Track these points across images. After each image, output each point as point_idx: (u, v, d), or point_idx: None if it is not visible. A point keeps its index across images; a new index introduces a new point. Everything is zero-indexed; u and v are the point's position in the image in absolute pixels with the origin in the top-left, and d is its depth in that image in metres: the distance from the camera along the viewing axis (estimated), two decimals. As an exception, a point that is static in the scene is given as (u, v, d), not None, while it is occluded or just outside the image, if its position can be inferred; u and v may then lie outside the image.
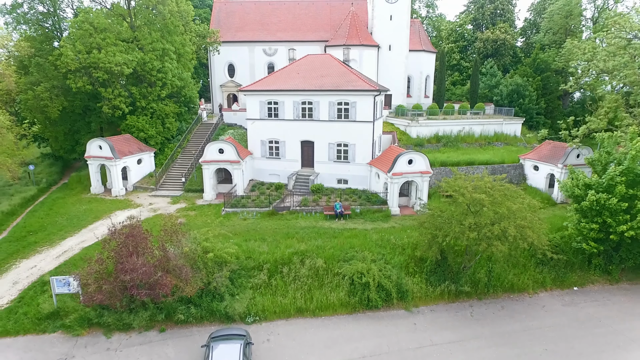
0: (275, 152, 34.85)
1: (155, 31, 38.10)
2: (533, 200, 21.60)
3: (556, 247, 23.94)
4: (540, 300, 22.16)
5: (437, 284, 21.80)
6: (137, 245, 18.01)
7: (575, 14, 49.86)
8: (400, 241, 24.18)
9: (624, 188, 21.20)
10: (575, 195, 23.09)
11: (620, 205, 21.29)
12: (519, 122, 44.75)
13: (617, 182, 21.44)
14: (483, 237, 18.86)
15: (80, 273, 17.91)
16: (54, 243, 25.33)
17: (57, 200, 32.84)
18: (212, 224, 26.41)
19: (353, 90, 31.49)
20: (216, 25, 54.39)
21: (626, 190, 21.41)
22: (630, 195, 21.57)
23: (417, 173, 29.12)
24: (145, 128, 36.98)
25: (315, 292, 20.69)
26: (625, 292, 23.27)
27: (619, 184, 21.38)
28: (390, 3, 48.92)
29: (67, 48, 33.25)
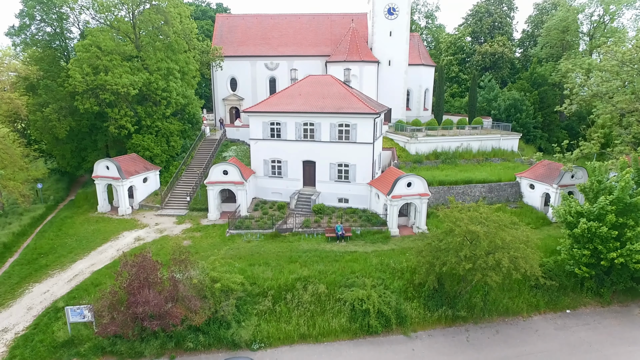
0: (277, 171, 35.74)
1: (160, 50, 39.04)
2: (526, 229, 22.41)
3: (549, 271, 24.85)
4: (533, 324, 23.05)
5: (435, 309, 22.71)
6: (148, 277, 18.89)
7: (572, 29, 50.75)
8: (400, 265, 25.07)
9: (613, 217, 22.10)
10: (568, 222, 23.99)
11: (610, 233, 22.17)
12: (516, 137, 45.63)
13: (608, 210, 22.34)
14: (478, 267, 19.76)
15: (95, 305, 18.80)
16: (65, 266, 26.22)
17: (66, 219, 33.72)
18: (218, 247, 27.28)
19: (353, 113, 32.39)
20: (218, 40, 55.34)
21: (616, 219, 22.32)
22: (620, 223, 22.47)
23: (416, 195, 30.01)
24: (151, 147, 37.89)
25: (317, 318, 21.60)
26: (616, 315, 24.16)
27: (609, 213, 22.28)
28: (389, 19, 49.87)
29: (75, 70, 34.17)
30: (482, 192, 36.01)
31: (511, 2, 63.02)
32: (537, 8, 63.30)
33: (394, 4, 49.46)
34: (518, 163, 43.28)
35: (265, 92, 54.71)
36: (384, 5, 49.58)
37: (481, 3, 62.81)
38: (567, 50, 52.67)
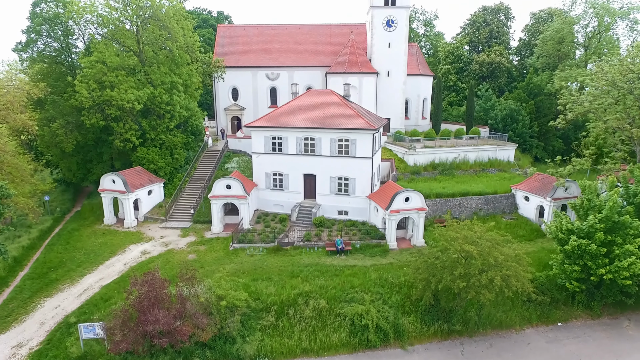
0: (279, 184, 36.68)
1: (163, 64, 40.00)
2: (518, 248, 23.35)
3: (542, 285, 25.82)
4: (526, 337, 24.01)
5: (431, 323, 23.69)
6: (157, 296, 19.83)
7: (567, 40, 51.72)
8: (398, 280, 26.03)
9: (602, 235, 23.06)
10: (559, 239, 24.94)
11: (599, 250, 23.13)
12: (512, 147, 46.58)
13: (597, 228, 23.29)
14: (472, 285, 20.72)
15: (106, 323, 19.75)
16: (74, 280, 27.16)
17: (73, 232, 34.66)
18: (222, 261, 28.24)
19: (353, 128, 33.34)
20: (220, 50, 56.28)
21: (605, 237, 23.28)
22: (609, 241, 23.43)
23: (414, 210, 30.96)
24: (155, 160, 38.82)
25: (318, 332, 22.56)
26: (605, 328, 25.12)
27: (598, 231, 23.23)
28: (388, 32, 50.85)
29: (82, 87, 35.11)
30: (478, 204, 36.98)
31: (508, 11, 63.99)
32: (534, 17, 64.29)
33: (393, 17, 50.45)
34: (514, 173, 44.25)
35: (266, 101, 55.73)
36: (383, 17, 50.57)
37: (478, 13, 63.79)
38: (562, 61, 53.60)
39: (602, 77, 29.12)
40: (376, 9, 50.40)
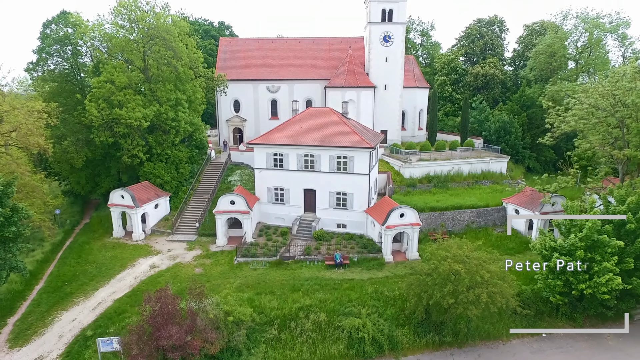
0: (280, 198, 38.36)
1: (169, 82, 41.64)
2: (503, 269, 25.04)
3: (527, 298, 27.56)
4: (512, 348, 25.74)
5: (423, 335, 25.41)
6: (170, 313, 21.50)
7: (558, 54, 53.44)
8: (392, 293, 27.73)
9: (582, 252, 24.78)
10: (543, 255, 26.66)
11: (580, 267, 24.83)
12: (504, 160, 48.29)
13: (577, 247, 25.00)
14: (460, 302, 22.43)
15: (123, 338, 21.43)
16: (88, 294, 28.80)
17: (84, 245, 36.29)
18: (227, 275, 29.93)
19: (351, 147, 35.02)
20: (222, 63, 57.95)
21: (585, 254, 24.99)
22: (589, 258, 25.14)
23: (408, 225, 32.66)
24: (162, 174, 40.49)
25: (318, 345, 24.25)
26: (587, 339, 26.84)
27: (578, 249, 24.95)
28: (385, 47, 52.55)
29: (91, 106, 36.76)
30: (470, 217, 38.71)
31: (502, 24, 65.74)
32: (527, 29, 66.02)
33: (390, 32, 52.16)
34: (506, 185, 45.94)
35: (267, 113, 57.41)
36: (380, 33, 52.27)
37: (473, 25, 65.53)
38: (554, 74, 55.33)
39: (585, 101, 30.85)
40: (373, 25, 52.09)
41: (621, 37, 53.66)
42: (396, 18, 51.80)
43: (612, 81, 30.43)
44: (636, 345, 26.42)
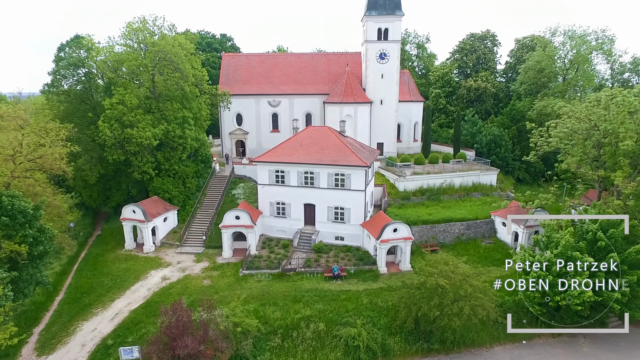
0: (282, 212, 40.83)
1: (176, 100, 44.09)
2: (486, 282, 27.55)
3: (509, 308, 30.06)
4: (494, 354, 28.26)
5: (413, 343, 27.91)
6: (184, 325, 23.97)
7: (546, 71, 55.96)
8: (386, 304, 30.22)
9: (557, 269, 27.25)
10: (523, 269, 29.13)
11: (555, 280, 27.32)
12: (494, 172, 50.77)
13: (553, 262, 27.49)
14: (445, 314, 24.93)
15: (143, 348, 23.88)
16: (106, 305, 31.24)
17: (98, 257, 38.73)
18: (233, 287, 32.40)
19: (348, 165, 37.51)
20: (225, 78, 60.38)
21: (560, 269, 27.47)
22: (564, 272, 27.62)
23: (401, 239, 35.17)
24: (170, 189, 42.95)
25: (318, 352, 26.75)
26: (564, 345, 29.40)
27: (554, 264, 27.44)
28: (381, 64, 55.06)
29: (105, 126, 39.22)
30: (460, 230, 41.24)
31: (494, 38, 68.28)
32: (518, 43, 68.57)
33: (385, 50, 54.67)
34: (496, 197, 48.44)
35: (268, 126, 59.83)
36: (376, 51, 54.77)
37: (466, 40, 68.06)
38: (543, 88, 57.84)
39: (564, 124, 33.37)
40: (370, 43, 54.60)
41: (607, 53, 56.19)
42: (391, 37, 54.30)
43: (588, 106, 32.93)
44: (608, 351, 28.97)
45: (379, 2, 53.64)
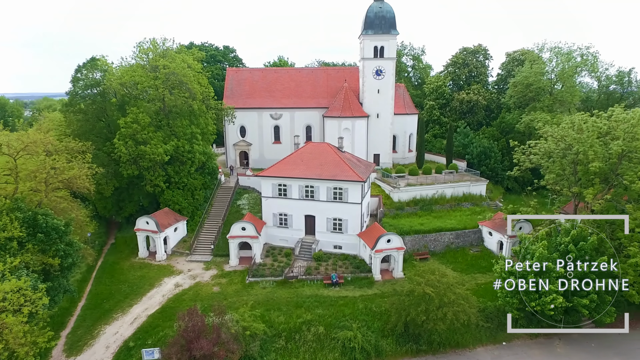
0: (284, 222, 43.95)
1: (185, 118, 47.23)
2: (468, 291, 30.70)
3: (490, 313, 33.23)
4: (476, 354, 31.41)
5: (403, 344, 31.07)
6: (200, 329, 27.09)
7: (534, 86, 59.11)
8: (379, 308, 33.37)
9: (532, 276, 30.41)
10: (502, 277, 32.28)
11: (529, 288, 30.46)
12: (484, 183, 53.92)
13: (528, 272, 30.64)
14: (430, 319, 28.09)
15: (163, 350, 27.01)
16: (125, 310, 34.36)
17: (114, 265, 41.84)
18: (241, 293, 35.54)
19: (345, 180, 40.64)
20: (229, 92, 63.44)
21: (534, 278, 30.62)
22: (537, 281, 30.77)
23: (394, 249, 38.31)
24: (180, 201, 46.08)
25: (318, 353, 29.90)
26: (540, 347, 32.58)
27: (529, 274, 30.59)
28: (377, 80, 58.20)
29: (120, 144, 42.35)
30: (450, 239, 44.39)
31: (486, 52, 71.44)
32: (509, 57, 71.76)
33: (381, 67, 57.79)
34: (485, 207, 51.60)
35: (270, 138, 62.91)
36: (373, 67, 57.89)
37: (459, 54, 71.23)
38: (531, 102, 61.00)
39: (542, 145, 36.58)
40: (366, 61, 57.73)
41: (590, 69, 59.39)
42: (387, 54, 57.42)
43: (565, 128, 36.06)
44: (580, 351, 32.14)
45: (375, 22, 56.75)
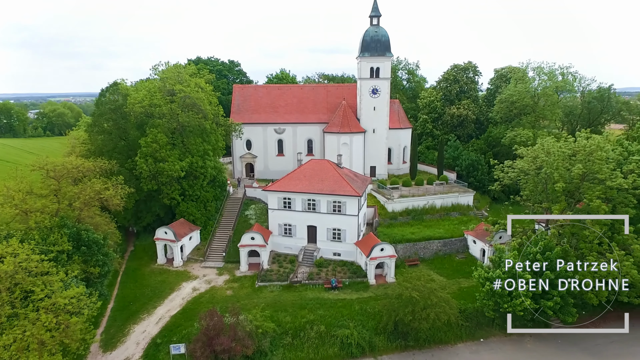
0: (289, 232, 48.78)
1: (198, 136, 52.05)
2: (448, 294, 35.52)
3: (470, 313, 38.06)
4: (457, 350, 36.21)
5: (394, 340, 35.86)
6: (219, 327, 31.90)
7: (517, 104, 64.01)
8: (373, 309, 38.18)
9: (505, 282, 35.22)
10: (480, 282, 37.11)
11: (504, 291, 35.27)
12: (471, 194, 58.73)
13: (501, 278, 35.43)
14: (416, 318, 32.93)
15: (188, 346, 31.83)
16: (150, 312, 39.13)
17: (136, 271, 46.59)
18: (251, 296, 40.34)
19: (344, 195, 45.46)
20: (236, 108, 68.24)
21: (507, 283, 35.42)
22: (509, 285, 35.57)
23: (387, 257, 43.14)
24: (194, 212, 50.90)
25: (320, 348, 34.68)
26: (513, 343, 37.34)
27: (503, 279, 35.39)
28: (373, 98, 63.09)
29: (141, 162, 47.15)
30: (438, 247, 49.25)
31: (475, 69, 76.29)
32: (497, 73, 76.68)
33: (377, 86, 62.67)
34: (471, 216, 56.44)
35: (274, 151, 67.73)
36: (369, 87, 62.77)
37: (450, 71, 76.10)
38: (516, 118, 65.90)
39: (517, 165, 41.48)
40: (363, 80, 62.60)
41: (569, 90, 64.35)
42: (382, 75, 62.30)
43: (537, 150, 40.88)
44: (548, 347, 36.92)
45: (371, 45, 61.61)
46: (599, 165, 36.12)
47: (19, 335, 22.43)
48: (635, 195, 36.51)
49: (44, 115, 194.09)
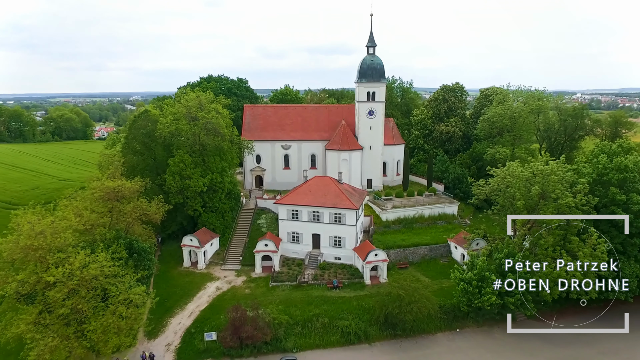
0: (296, 239, 56.67)
1: (216, 155, 59.92)
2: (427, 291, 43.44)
3: (448, 308, 45.95)
4: (436, 338, 44.10)
5: (385, 330, 43.74)
6: (244, 319, 39.78)
7: (497, 125, 72.01)
8: (368, 305, 46.04)
9: (476, 282, 43.11)
10: (456, 282, 44.98)
11: (474, 290, 43.13)
12: (456, 204, 66.62)
13: (473, 279, 43.32)
14: (402, 312, 40.86)
15: (218, 333, 39.72)
16: (182, 307, 46.96)
17: (166, 273, 54.38)
18: (266, 295, 48.22)
19: (343, 208, 53.36)
20: (247, 126, 76.07)
21: (478, 283, 43.27)
22: (480, 285, 43.43)
23: (380, 261, 51.07)
24: (214, 222, 58.78)
25: (324, 336, 42.57)
26: (484, 333, 45.23)
27: (474, 280, 43.28)
28: (370, 118, 71.01)
29: (170, 179, 55.04)
30: (425, 252, 57.19)
31: (462, 90, 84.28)
32: (482, 93, 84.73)
33: (373, 108, 70.59)
34: (456, 224, 64.31)
35: (281, 165, 75.52)
36: (366, 109, 70.68)
37: (439, 91, 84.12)
38: (496, 137, 73.88)
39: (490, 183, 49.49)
40: (361, 103, 70.56)
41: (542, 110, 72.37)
42: (377, 98, 70.23)
43: (505, 172, 48.80)
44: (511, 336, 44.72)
45: (367, 72, 69.54)
46: (553, 186, 44.02)
47: (104, 323, 30.29)
48: (584, 212, 44.39)
49: (52, 120, 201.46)
